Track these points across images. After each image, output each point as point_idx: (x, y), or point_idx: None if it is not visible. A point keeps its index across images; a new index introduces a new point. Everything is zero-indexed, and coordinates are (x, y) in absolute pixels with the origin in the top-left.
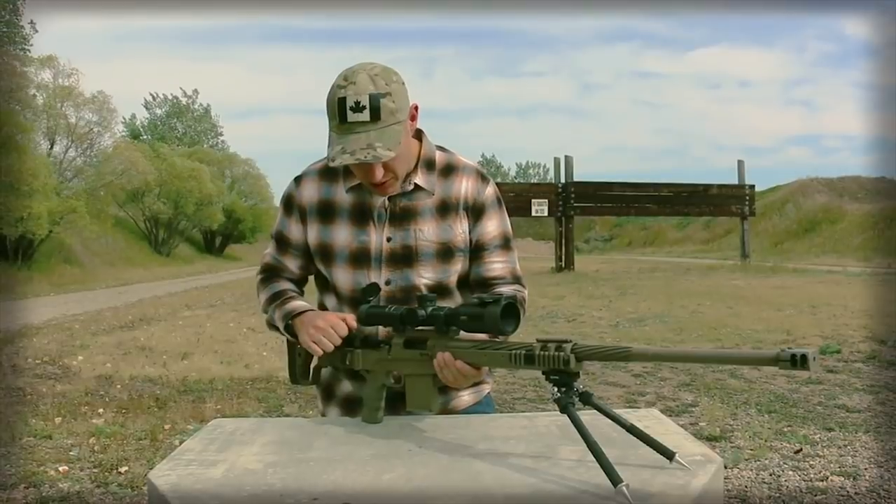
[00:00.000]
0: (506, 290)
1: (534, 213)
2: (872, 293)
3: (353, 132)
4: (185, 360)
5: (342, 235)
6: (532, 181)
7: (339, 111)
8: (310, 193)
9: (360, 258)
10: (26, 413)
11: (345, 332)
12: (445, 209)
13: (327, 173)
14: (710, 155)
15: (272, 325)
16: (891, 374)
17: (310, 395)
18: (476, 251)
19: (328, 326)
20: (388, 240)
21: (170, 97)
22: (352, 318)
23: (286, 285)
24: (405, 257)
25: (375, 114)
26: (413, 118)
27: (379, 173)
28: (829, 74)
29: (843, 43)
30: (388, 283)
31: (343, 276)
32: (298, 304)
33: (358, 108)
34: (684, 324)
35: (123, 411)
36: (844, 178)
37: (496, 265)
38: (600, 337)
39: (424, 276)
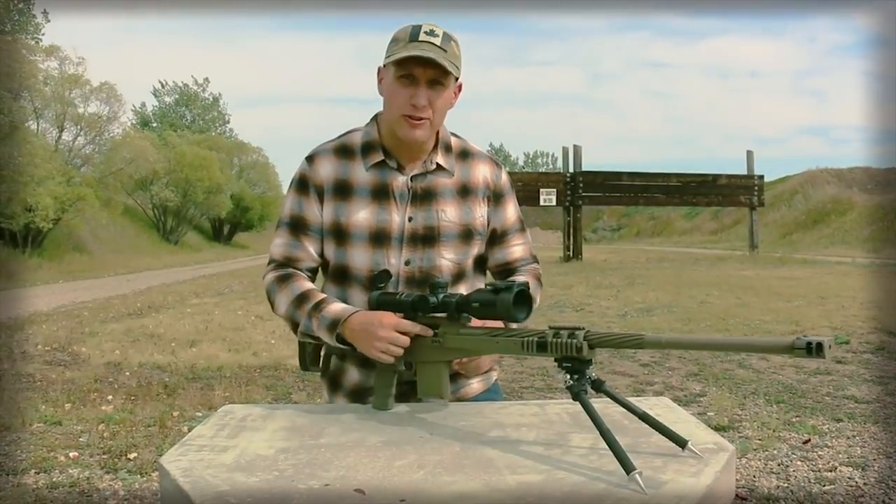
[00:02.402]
0: (527, 269)
1: (542, 203)
2: (881, 284)
3: (422, 47)
4: (193, 347)
5: (361, 215)
6: (540, 170)
7: (413, 32)
8: (326, 171)
9: (380, 238)
10: (36, 399)
11: (406, 340)
12: (466, 192)
13: (342, 152)
14: (719, 145)
15: (305, 333)
16: None
17: (318, 383)
18: (500, 236)
19: (390, 334)
20: (410, 219)
21: (179, 85)
22: (406, 323)
23: (308, 284)
24: (427, 238)
25: (446, 43)
26: (455, 94)
27: (423, 98)
28: (839, 65)
29: (854, 33)
30: (407, 262)
31: (361, 257)
32: (336, 307)
33: (432, 34)
34: (692, 314)
35: (132, 398)
36: (854, 169)
37: (517, 247)
38: (608, 326)
39: (446, 257)
